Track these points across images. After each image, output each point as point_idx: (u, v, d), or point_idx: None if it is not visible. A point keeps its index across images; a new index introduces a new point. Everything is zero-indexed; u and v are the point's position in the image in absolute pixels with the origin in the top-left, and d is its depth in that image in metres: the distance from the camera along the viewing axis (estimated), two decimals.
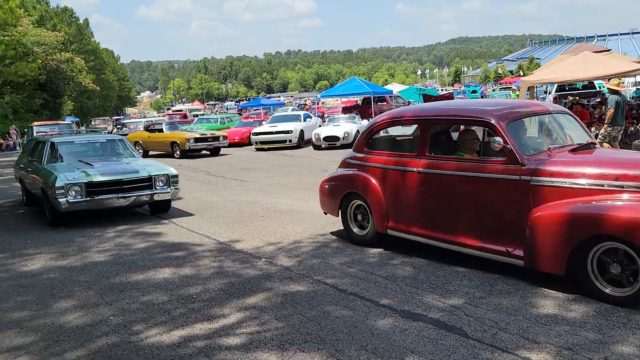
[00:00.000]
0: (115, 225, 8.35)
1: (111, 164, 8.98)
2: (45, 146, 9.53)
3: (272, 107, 43.15)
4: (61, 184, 7.89)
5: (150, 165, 8.95)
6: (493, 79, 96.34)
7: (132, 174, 8.40)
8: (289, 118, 23.04)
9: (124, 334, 4.25)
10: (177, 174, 8.92)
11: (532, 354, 3.57)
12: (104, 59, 76.39)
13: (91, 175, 8.14)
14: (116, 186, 8.23)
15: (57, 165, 8.83)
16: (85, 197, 8.03)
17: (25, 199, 10.64)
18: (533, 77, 15.47)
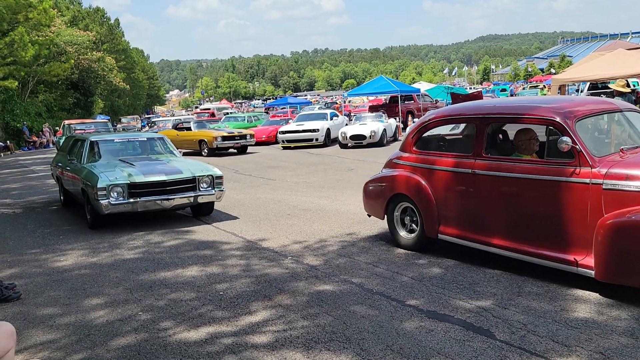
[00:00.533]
0: (145, 223, 8.48)
1: (152, 163, 8.57)
2: (85, 145, 9.18)
3: (298, 105, 43.26)
4: (103, 184, 7.53)
5: (193, 165, 8.49)
6: (523, 77, 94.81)
7: (175, 175, 7.99)
8: (316, 117, 23.06)
9: (152, 330, 4.32)
10: (222, 175, 8.44)
11: (562, 358, 3.51)
12: (134, 58, 77.60)
13: (133, 176, 7.77)
14: (159, 187, 7.82)
15: (98, 165, 8.50)
16: (127, 199, 7.67)
17: (63, 199, 10.32)
18: (565, 75, 15.19)
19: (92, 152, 9.03)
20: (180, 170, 8.11)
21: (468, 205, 5.45)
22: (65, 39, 38.90)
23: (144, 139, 9.82)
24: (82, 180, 8.19)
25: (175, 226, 8.15)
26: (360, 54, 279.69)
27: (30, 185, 14.36)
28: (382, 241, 6.60)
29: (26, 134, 32.17)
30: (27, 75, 32.87)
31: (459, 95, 27.96)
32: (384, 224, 7.42)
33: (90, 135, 9.73)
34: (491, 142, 5.49)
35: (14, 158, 25.48)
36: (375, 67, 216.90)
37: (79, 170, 8.62)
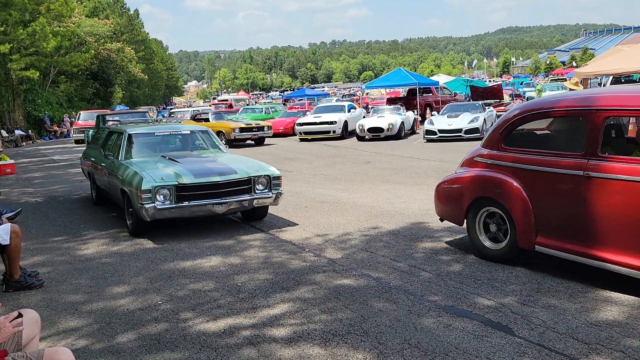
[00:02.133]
0: None
1: (200, 161, 7.57)
2: (122, 138, 8.12)
3: (316, 97, 43.21)
4: (148, 186, 6.51)
5: (246, 164, 7.46)
6: (544, 70, 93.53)
7: (229, 175, 6.93)
8: (333, 109, 23.03)
9: (172, 320, 4.38)
10: (280, 174, 7.40)
11: (582, 356, 3.48)
12: (153, 49, 78.07)
13: (182, 176, 6.73)
14: (211, 190, 6.80)
15: (139, 162, 7.44)
16: (174, 203, 6.64)
17: (95, 196, 9.45)
18: (588, 68, 14.96)
19: (130, 146, 8.00)
20: (234, 170, 7.05)
21: (577, 213, 4.63)
22: (86, 29, 39.27)
23: (187, 132, 8.70)
24: (122, 180, 7.19)
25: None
26: (378, 45, 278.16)
27: (51, 175, 14.59)
28: (400, 235, 6.59)
29: (47, 123, 32.64)
30: (48, 66, 33.29)
31: (479, 88, 27.68)
32: (404, 217, 7.43)
33: (128, 127, 8.65)
34: (607, 139, 4.71)
35: (35, 147, 25.89)
36: (394, 59, 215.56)
37: (117, 167, 7.63)
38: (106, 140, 9.06)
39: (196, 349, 3.83)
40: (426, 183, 10.11)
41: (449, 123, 17.74)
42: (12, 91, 30.91)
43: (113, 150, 8.33)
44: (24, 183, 13.16)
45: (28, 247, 6.77)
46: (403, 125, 19.93)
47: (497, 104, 23.48)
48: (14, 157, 18.14)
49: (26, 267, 5.62)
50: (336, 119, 21.03)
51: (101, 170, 8.47)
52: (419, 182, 10.23)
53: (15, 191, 11.83)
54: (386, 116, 20.22)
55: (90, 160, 9.43)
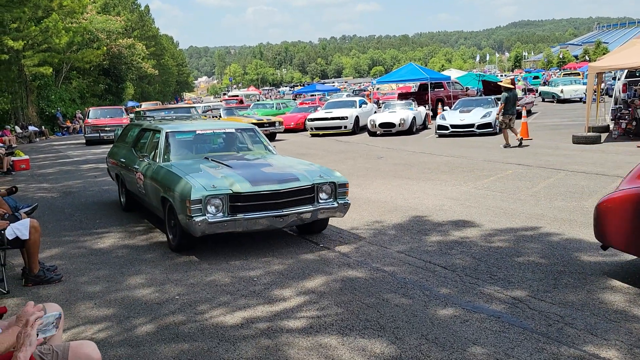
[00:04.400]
0: None
1: (253, 164, 6.63)
2: (160, 137, 7.08)
3: (326, 92, 43.15)
4: (198, 195, 5.49)
5: (307, 168, 6.45)
6: (556, 64, 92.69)
7: (291, 183, 5.88)
8: (344, 104, 22.98)
9: (189, 312, 4.41)
10: (347, 181, 6.42)
11: (601, 351, 3.47)
12: (164, 45, 78.37)
13: (237, 184, 5.70)
14: (271, 200, 5.76)
15: (182, 166, 6.44)
16: (228, 215, 5.64)
17: (125, 202, 8.46)
18: (602, 62, 14.81)
19: (168, 146, 7.00)
20: (296, 176, 6.00)
21: None
22: (98, 25, 39.48)
23: (231, 131, 7.68)
24: (164, 187, 6.20)
25: None
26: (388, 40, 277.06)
27: (65, 170, 14.71)
28: (414, 230, 6.59)
29: (60, 119, 32.90)
30: (61, 62, 33.52)
31: (491, 82, 27.49)
32: (417, 213, 7.41)
33: (164, 124, 7.67)
34: None
35: (49, 143, 26.11)
36: (404, 54, 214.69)
37: (155, 171, 6.63)
38: (138, 139, 8.13)
39: (214, 342, 3.86)
40: (439, 179, 10.08)
41: (461, 118, 17.65)
42: (25, 87, 31.17)
43: (148, 150, 7.37)
44: (39, 179, 13.29)
45: (45, 241, 6.83)
46: (415, 121, 19.85)
47: None
48: (28, 152, 18.32)
49: (44, 261, 5.68)
50: (347, 115, 20.99)
51: (134, 173, 7.44)
52: (432, 178, 10.20)
53: (31, 187, 11.95)
54: (398, 111, 20.14)
55: (118, 160, 8.43)
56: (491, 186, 9.05)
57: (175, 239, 6.15)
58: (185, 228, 5.73)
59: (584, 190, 8.28)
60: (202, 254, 6.01)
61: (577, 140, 13.83)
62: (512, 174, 10.05)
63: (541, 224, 6.54)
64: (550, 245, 5.73)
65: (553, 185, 8.80)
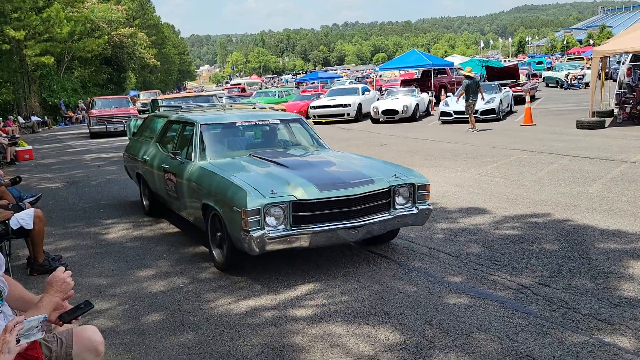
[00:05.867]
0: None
1: (312, 163, 5.45)
2: (194, 131, 5.96)
3: (329, 80, 43.00)
4: (256, 204, 4.44)
5: (378, 167, 5.42)
6: (560, 49, 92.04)
7: (366, 186, 4.80)
8: (347, 91, 22.90)
9: (195, 301, 4.43)
10: (428, 182, 5.37)
11: (605, 336, 3.47)
12: (165, 34, 78.01)
13: (300, 188, 4.63)
14: (341, 207, 4.69)
15: (226, 166, 5.34)
16: (291, 228, 4.58)
17: (149, 205, 7.40)
18: (607, 46, 14.69)
19: (204, 142, 5.90)
20: (370, 178, 4.94)
21: None
22: (99, 15, 39.35)
23: (276, 122, 6.58)
24: (206, 192, 5.15)
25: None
26: (391, 27, 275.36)
27: (69, 160, 14.74)
28: None
29: (63, 109, 32.91)
30: (62, 52, 33.47)
31: (495, 68, 27.31)
32: None
33: (196, 115, 6.53)
34: None
35: (52, 133, 26.14)
36: (407, 40, 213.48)
37: (192, 173, 5.55)
38: (163, 132, 7.04)
39: (219, 330, 3.88)
40: (443, 165, 10.06)
41: (464, 104, 17.55)
42: (27, 78, 31.16)
43: (178, 146, 6.30)
44: (42, 169, 13.32)
45: (50, 231, 6.86)
46: (418, 107, 19.77)
47: (514, 84, 23.17)
48: (31, 143, 18.35)
49: (49, 251, 5.71)
50: (350, 102, 20.93)
51: (161, 173, 6.38)
52: (436, 165, 10.18)
53: (34, 177, 11.99)
54: (400, 98, 20.06)
55: (140, 158, 7.24)
56: (495, 172, 9.03)
57: (222, 257, 5.08)
58: (238, 244, 4.68)
59: (588, 175, 8.25)
60: (207, 245, 6.01)
61: (581, 125, 13.76)
62: (516, 160, 10.02)
63: (545, 210, 6.53)
64: (554, 230, 5.72)
65: (557, 171, 8.77)
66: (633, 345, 3.34)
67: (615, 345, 3.35)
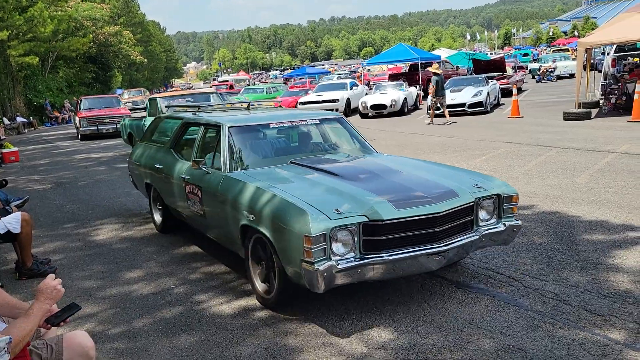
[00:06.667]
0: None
1: (374, 173, 4.48)
2: (221, 135, 5.00)
3: (317, 75, 42.94)
4: (320, 228, 3.54)
5: (450, 173, 4.57)
6: (545, 41, 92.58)
7: (449, 200, 3.94)
8: (335, 86, 22.89)
9: (186, 303, 4.41)
10: (517, 192, 4.40)
11: (595, 327, 3.50)
12: (150, 31, 77.44)
13: (372, 206, 3.74)
14: (422, 228, 3.81)
15: (268, 178, 4.44)
16: (362, 256, 3.70)
17: (162, 222, 6.47)
18: (592, 38, 14.78)
19: (235, 147, 4.96)
20: (452, 190, 4.08)
21: None
22: (83, 13, 38.95)
23: (315, 122, 5.56)
24: (247, 210, 4.15)
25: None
26: (378, 21, 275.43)
27: (56, 161, 14.60)
28: None
29: (48, 109, 32.57)
30: (47, 51, 33.11)
31: (482, 61, 27.42)
32: None
33: (220, 116, 5.45)
34: None
35: (38, 134, 25.86)
36: (393, 34, 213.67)
37: (227, 186, 4.58)
38: (179, 136, 6.06)
39: (212, 331, 3.87)
40: (432, 159, 10.07)
41: (452, 97, 17.62)
42: (12, 78, 30.77)
43: (200, 153, 5.37)
44: (29, 170, 13.18)
45: (38, 234, 6.80)
46: (406, 101, 19.82)
47: (500, 77, 23.28)
48: (17, 144, 18.15)
49: (38, 254, 5.65)
50: (339, 97, 20.90)
51: (180, 184, 5.43)
52: (425, 159, 10.19)
53: (21, 179, 11.86)
54: (389, 92, 20.09)
55: (151, 166, 6.29)
56: (483, 165, 9.07)
57: (269, 291, 4.16)
58: (296, 278, 3.78)
59: (576, 166, 8.31)
60: (198, 245, 5.99)
61: (567, 117, 13.86)
62: (504, 153, 10.07)
63: (534, 202, 6.57)
64: (543, 223, 5.76)
65: (545, 163, 8.83)
66: (623, 337, 3.38)
67: (606, 337, 3.38)
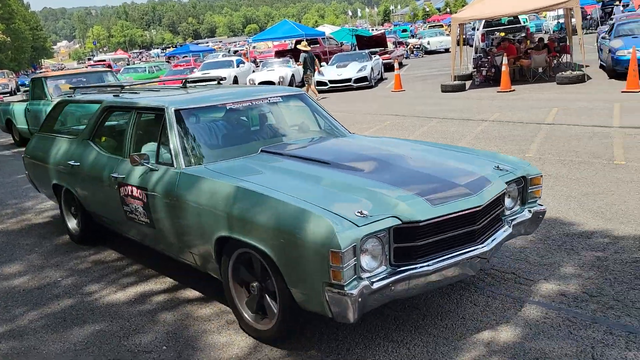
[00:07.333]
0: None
1: (381, 160, 3.63)
2: (167, 121, 3.93)
3: (201, 53, 41.71)
4: (350, 239, 2.64)
5: (469, 157, 3.81)
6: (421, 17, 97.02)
7: (485, 189, 3.25)
8: (222, 64, 22.43)
9: (76, 295, 4.17)
10: (541, 173, 3.78)
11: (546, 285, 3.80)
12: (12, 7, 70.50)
13: (401, 203, 2.94)
14: (459, 227, 3.09)
15: (242, 173, 3.52)
16: (394, 269, 2.88)
17: (80, 231, 5.25)
18: (463, 14, 15.70)
19: (187, 137, 3.92)
20: (482, 175, 3.40)
21: None
22: None
23: (276, 99, 4.52)
24: (228, 218, 3.19)
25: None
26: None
27: None
28: None
29: None
30: None
31: (364, 37, 28.18)
32: None
33: (161, 98, 4.30)
34: None
35: None
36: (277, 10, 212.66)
37: (188, 186, 3.55)
38: (99, 125, 4.87)
39: (107, 321, 3.70)
40: None
41: (338, 73, 18.01)
42: None
43: (134, 145, 4.29)
44: None
45: None
46: (294, 78, 19.90)
47: (382, 52, 24.10)
48: None
49: None
50: (225, 75, 20.47)
51: (112, 187, 4.28)
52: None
53: None
54: (276, 69, 20.05)
55: (62, 164, 5.06)
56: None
57: (268, 321, 3.22)
58: (313, 307, 2.87)
59: (454, 135, 8.88)
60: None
61: (445, 89, 14.72)
62: (390, 125, 10.50)
63: None
64: None
65: (427, 133, 9.33)
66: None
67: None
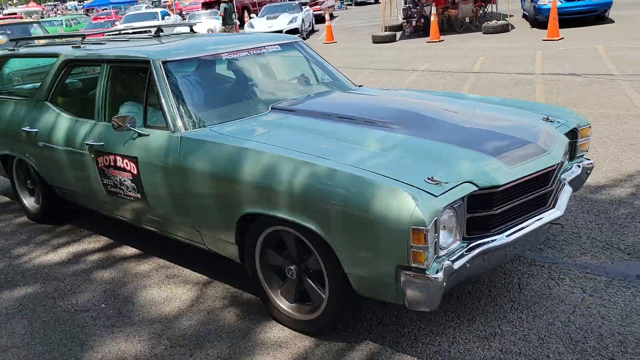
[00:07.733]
0: None
1: (423, 115, 3.08)
2: (155, 77, 3.27)
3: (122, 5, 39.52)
4: (431, 211, 2.18)
5: (514, 110, 3.36)
6: None
7: (556, 146, 2.88)
8: (145, 17, 21.42)
9: (3, 259, 3.99)
10: (589, 123, 3.42)
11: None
12: None
13: (474, 165, 2.49)
14: (536, 189, 2.71)
15: (265, 137, 2.90)
16: (469, 243, 2.43)
17: (41, 208, 4.51)
18: None
19: (181, 94, 3.27)
20: (550, 132, 3.00)
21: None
22: None
23: (275, 48, 3.98)
24: (262, 193, 2.61)
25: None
26: None
27: None
28: None
29: None
30: None
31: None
32: None
33: (141, 48, 3.69)
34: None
35: None
36: None
37: (200, 154, 2.93)
38: (57, 83, 4.11)
39: (39, 283, 3.58)
40: None
41: (269, 25, 17.64)
42: None
43: (111, 106, 3.64)
44: None
45: None
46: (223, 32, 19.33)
47: (313, 3, 23.75)
48: None
49: None
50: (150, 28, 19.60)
51: (87, 156, 3.61)
52: None
53: None
54: (204, 22, 19.40)
55: (13, 131, 4.31)
56: None
57: (310, 312, 2.77)
58: (378, 294, 2.47)
59: (387, 85, 8.99)
60: (4, 198, 5.38)
61: (376, 40, 14.76)
62: None
63: None
64: None
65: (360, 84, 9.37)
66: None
67: None
